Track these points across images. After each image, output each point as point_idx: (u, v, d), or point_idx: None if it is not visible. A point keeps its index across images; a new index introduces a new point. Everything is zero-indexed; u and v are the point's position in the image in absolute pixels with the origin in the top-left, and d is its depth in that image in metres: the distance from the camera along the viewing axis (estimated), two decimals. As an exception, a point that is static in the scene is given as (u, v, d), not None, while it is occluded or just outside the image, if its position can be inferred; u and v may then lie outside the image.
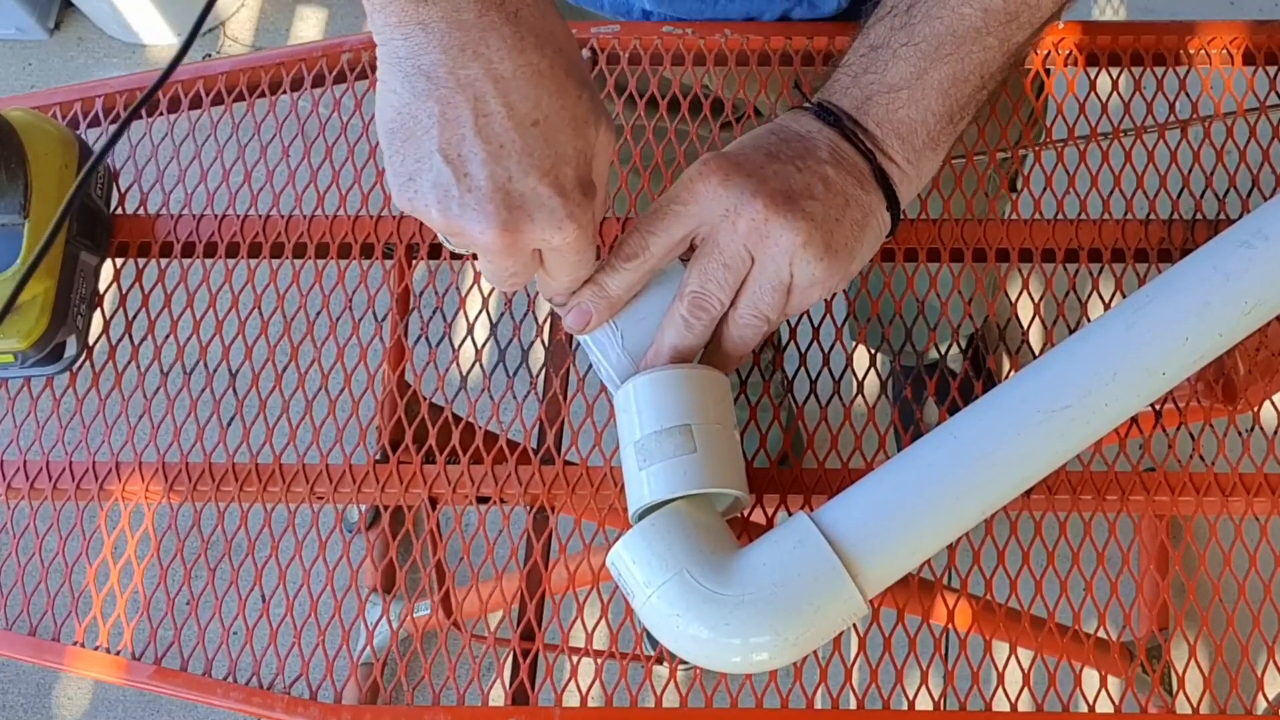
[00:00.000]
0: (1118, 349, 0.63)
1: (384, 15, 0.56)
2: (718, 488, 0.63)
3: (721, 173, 0.61)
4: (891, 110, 0.63)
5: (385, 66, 0.57)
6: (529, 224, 0.56)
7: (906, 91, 0.63)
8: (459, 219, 0.56)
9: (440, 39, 0.55)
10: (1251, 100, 0.80)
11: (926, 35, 0.63)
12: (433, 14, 0.55)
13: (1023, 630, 0.72)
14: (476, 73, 0.55)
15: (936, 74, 0.63)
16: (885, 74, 0.64)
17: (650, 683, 0.68)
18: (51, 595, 0.72)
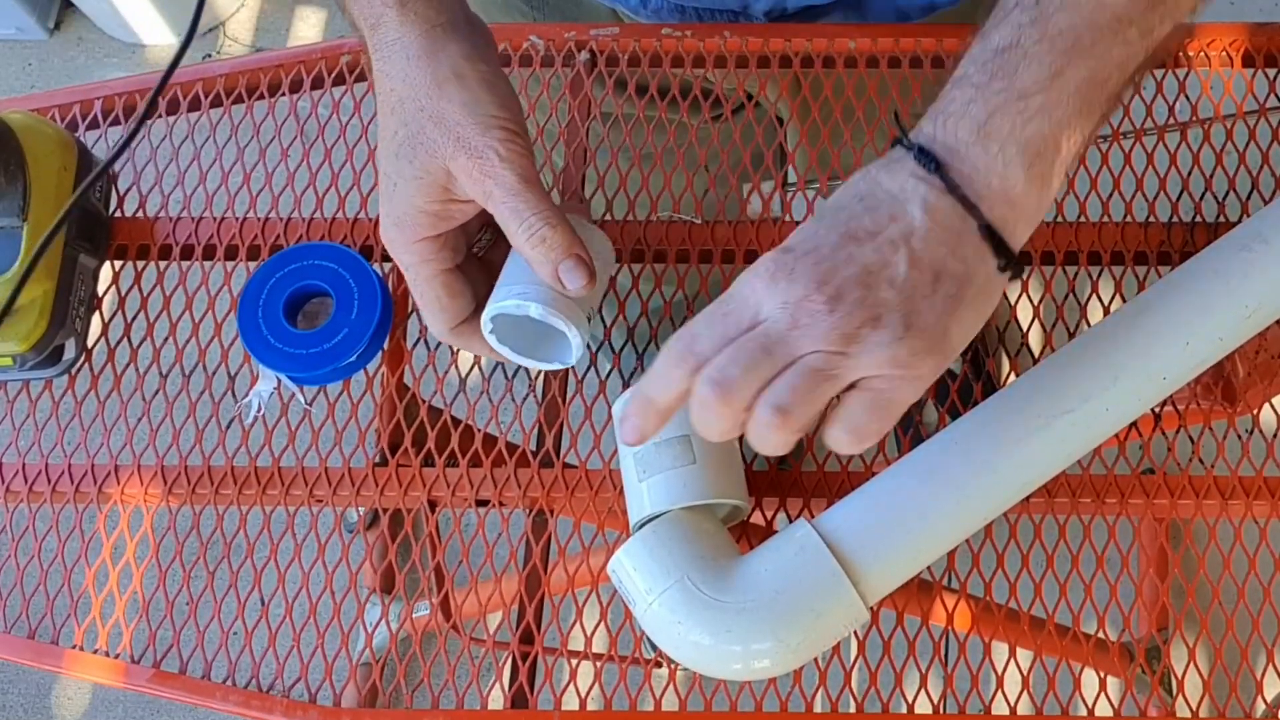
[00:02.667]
0: (1118, 353, 0.63)
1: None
2: (717, 498, 0.63)
3: (768, 273, 0.53)
4: (1020, 125, 0.53)
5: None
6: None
7: (1040, 97, 0.53)
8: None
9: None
10: (1251, 102, 0.79)
11: (1063, 27, 0.53)
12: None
13: (1022, 632, 0.72)
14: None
15: (1074, 73, 0.53)
16: (1015, 79, 0.53)
17: (649, 686, 0.68)
18: (50, 598, 0.72)
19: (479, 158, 0.60)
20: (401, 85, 0.61)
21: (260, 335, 0.72)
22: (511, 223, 0.60)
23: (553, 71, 0.83)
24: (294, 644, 0.70)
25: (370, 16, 0.61)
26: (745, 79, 0.82)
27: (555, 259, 0.60)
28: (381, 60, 0.62)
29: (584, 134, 0.80)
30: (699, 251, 0.76)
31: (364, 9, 0.62)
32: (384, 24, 0.61)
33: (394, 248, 0.63)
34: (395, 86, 0.61)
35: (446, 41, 0.61)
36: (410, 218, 0.62)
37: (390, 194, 0.62)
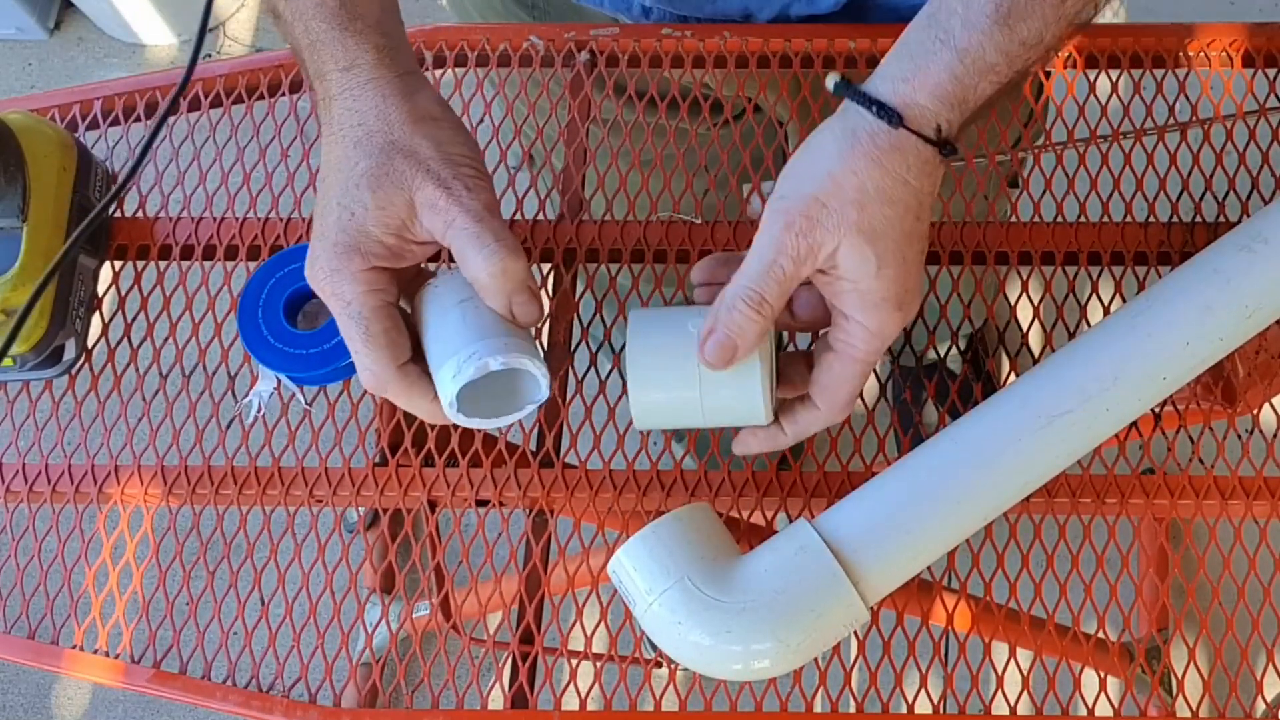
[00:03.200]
0: (1118, 354, 0.63)
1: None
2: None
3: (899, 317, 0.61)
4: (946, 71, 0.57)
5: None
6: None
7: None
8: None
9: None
10: (1251, 103, 0.79)
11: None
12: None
13: (1022, 632, 0.72)
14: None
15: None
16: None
17: (649, 686, 0.68)
18: (50, 598, 0.72)
19: (446, 188, 0.60)
20: (374, 120, 0.62)
21: (260, 335, 0.72)
22: (471, 249, 0.60)
23: (553, 72, 0.83)
24: (294, 644, 0.70)
25: (343, 60, 0.62)
26: (745, 79, 0.82)
27: (509, 290, 0.61)
28: (351, 99, 0.62)
29: (584, 134, 0.80)
30: (699, 251, 0.76)
31: (334, 52, 0.62)
32: (359, 66, 0.62)
33: (337, 278, 0.61)
34: (365, 121, 0.62)
35: (420, 87, 0.64)
36: (364, 246, 0.61)
37: (340, 223, 0.61)
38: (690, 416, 0.62)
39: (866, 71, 0.81)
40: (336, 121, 0.63)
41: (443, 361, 0.61)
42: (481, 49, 0.83)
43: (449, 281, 0.63)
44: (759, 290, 0.59)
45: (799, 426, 0.64)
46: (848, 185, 0.58)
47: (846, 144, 0.58)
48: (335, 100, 0.63)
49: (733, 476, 0.70)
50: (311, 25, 0.63)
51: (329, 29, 0.62)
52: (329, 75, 0.63)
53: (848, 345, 0.61)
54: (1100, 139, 0.79)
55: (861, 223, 0.58)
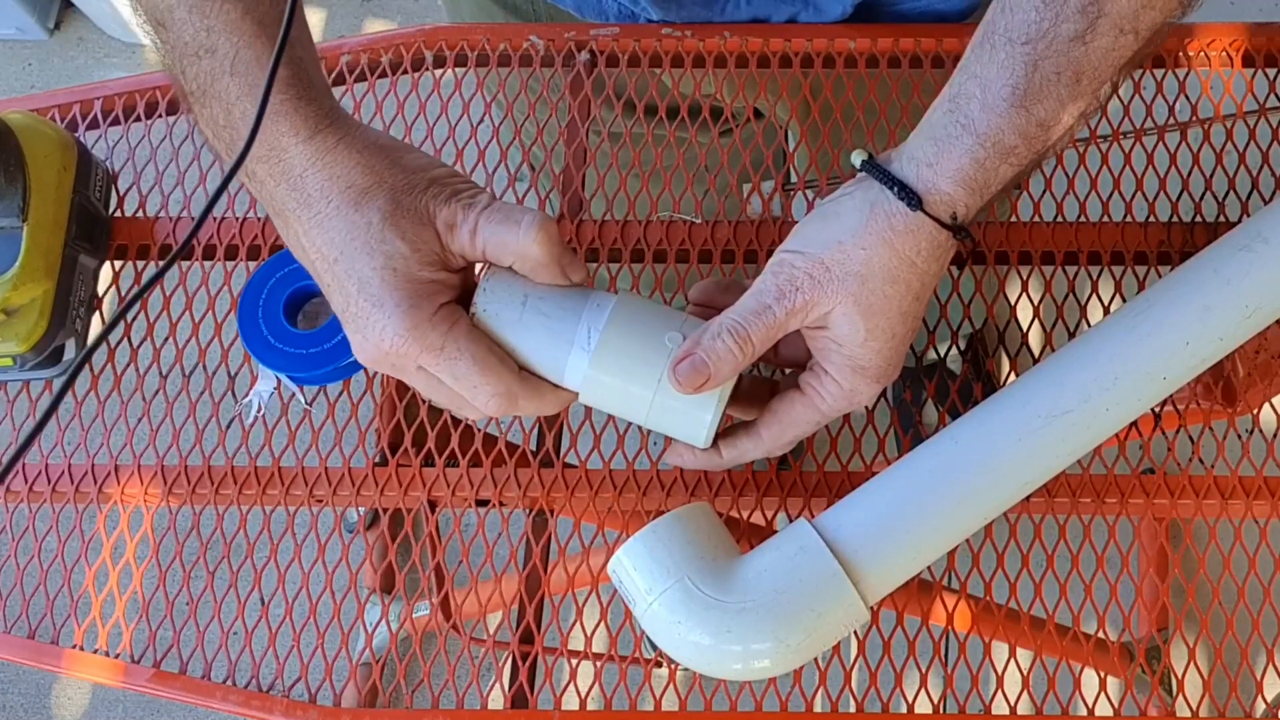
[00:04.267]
0: (1118, 354, 0.63)
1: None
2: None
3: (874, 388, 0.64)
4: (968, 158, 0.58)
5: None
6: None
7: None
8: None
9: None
10: (1251, 102, 0.79)
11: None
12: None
13: (1022, 631, 0.72)
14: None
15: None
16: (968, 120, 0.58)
17: (649, 686, 0.68)
18: (50, 598, 0.72)
19: (455, 200, 0.60)
20: (362, 176, 0.59)
21: (260, 335, 0.72)
22: (506, 231, 0.59)
23: (553, 72, 0.83)
24: (294, 644, 0.70)
25: (303, 129, 0.59)
26: (745, 80, 0.82)
27: (557, 254, 0.60)
28: (325, 165, 0.59)
29: (584, 135, 0.81)
30: (699, 251, 0.76)
31: (293, 122, 0.59)
32: (322, 131, 0.59)
33: (415, 336, 0.59)
34: (354, 181, 0.59)
35: (367, 128, 0.62)
36: (420, 290, 0.59)
37: (387, 284, 0.59)
38: (635, 412, 0.63)
39: (868, 72, 0.81)
40: (317, 197, 0.59)
41: (566, 352, 0.61)
42: (481, 49, 0.83)
43: (491, 298, 0.62)
44: (746, 327, 0.59)
45: (737, 451, 0.65)
46: (855, 259, 0.59)
47: (862, 219, 0.59)
48: (307, 175, 0.59)
49: (733, 476, 0.70)
50: (270, 100, 0.57)
51: (286, 99, 0.58)
52: (289, 150, 0.59)
53: (815, 393, 0.62)
54: (1100, 139, 0.79)
55: (860, 295, 0.59)
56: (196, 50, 0.58)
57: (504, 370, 0.61)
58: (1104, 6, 0.55)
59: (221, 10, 0.58)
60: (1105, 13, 0.55)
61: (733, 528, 0.66)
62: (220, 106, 0.59)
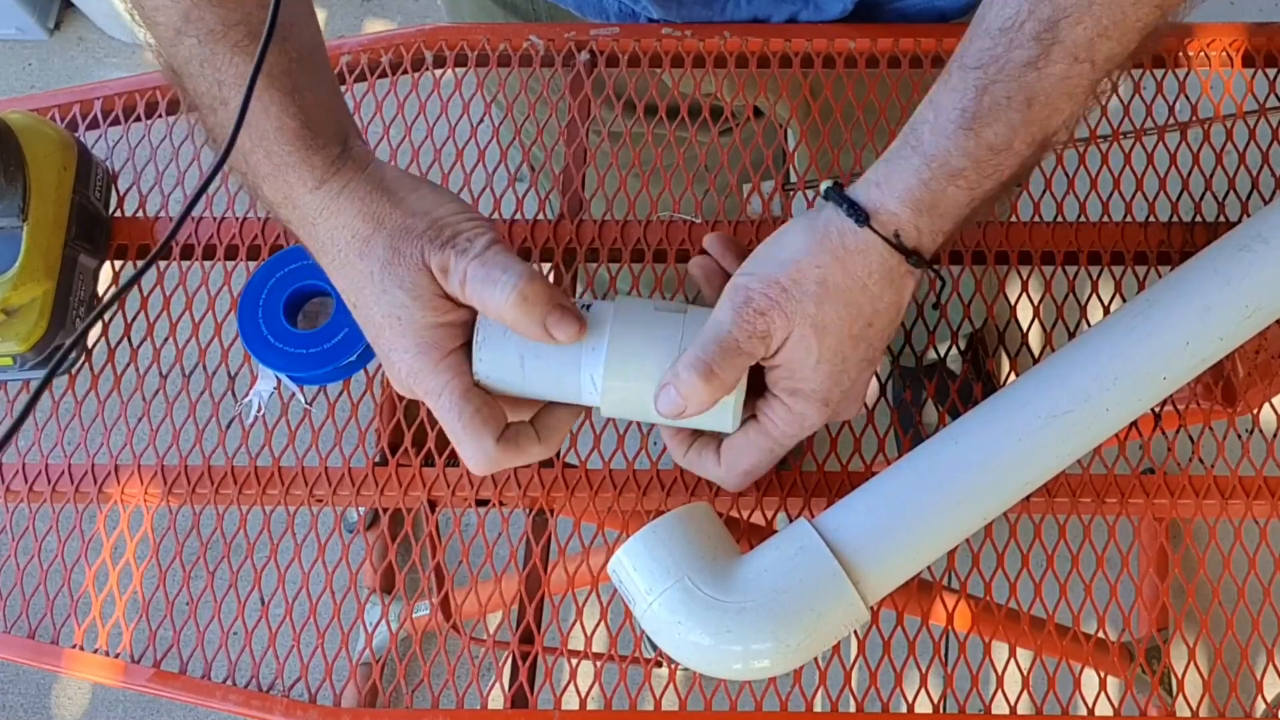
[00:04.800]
0: (1118, 354, 0.63)
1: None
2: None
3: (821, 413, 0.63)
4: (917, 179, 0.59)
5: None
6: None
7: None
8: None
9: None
10: (1251, 103, 0.79)
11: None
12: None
13: (1022, 631, 0.72)
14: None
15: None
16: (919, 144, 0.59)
17: (649, 686, 0.68)
18: (50, 598, 0.72)
19: (449, 247, 0.59)
20: (363, 224, 0.60)
21: (260, 335, 0.72)
22: (486, 291, 0.59)
23: (553, 72, 0.83)
24: (294, 644, 0.70)
25: (310, 180, 0.60)
26: (745, 79, 0.82)
27: (539, 314, 0.60)
28: (332, 215, 0.61)
29: (584, 135, 0.80)
30: (699, 252, 0.76)
31: (301, 174, 0.60)
32: (328, 181, 0.61)
33: (421, 379, 0.61)
34: (357, 231, 0.60)
35: (380, 165, 0.63)
36: (425, 338, 0.61)
37: (395, 331, 0.61)
38: (655, 417, 0.63)
39: (868, 72, 0.81)
40: (329, 245, 0.61)
41: (576, 395, 0.63)
42: (481, 49, 0.83)
43: (487, 363, 0.62)
44: (708, 361, 0.59)
45: (700, 466, 0.66)
46: (810, 276, 0.59)
47: (815, 237, 0.60)
48: (318, 223, 0.61)
49: (733, 476, 0.70)
50: (274, 150, 0.60)
51: (293, 151, 0.60)
52: (301, 200, 0.61)
53: (767, 419, 0.62)
54: (1100, 139, 0.79)
55: (816, 316, 0.59)
56: (211, 103, 0.60)
57: (485, 437, 0.61)
58: (1059, 34, 0.55)
59: (231, 64, 0.59)
60: (1060, 40, 0.55)
61: (733, 528, 0.66)
62: (236, 156, 0.61)
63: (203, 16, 0.58)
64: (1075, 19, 0.55)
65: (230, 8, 0.58)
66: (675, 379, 0.60)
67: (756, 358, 0.60)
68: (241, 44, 0.59)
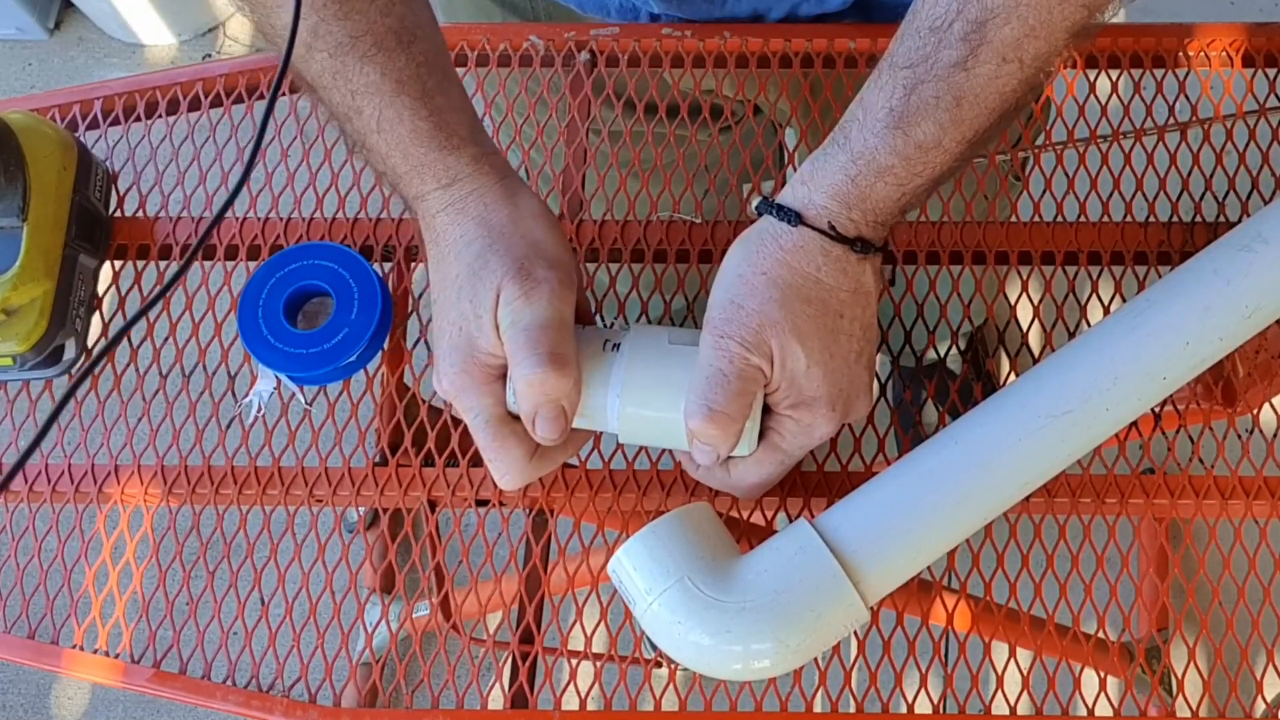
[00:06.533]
0: (1118, 354, 0.63)
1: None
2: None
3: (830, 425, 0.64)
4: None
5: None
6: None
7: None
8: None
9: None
10: (1251, 103, 0.79)
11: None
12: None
13: (1022, 631, 0.72)
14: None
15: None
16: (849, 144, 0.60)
17: (649, 686, 0.68)
18: (50, 598, 0.72)
19: (525, 283, 0.60)
20: (475, 227, 0.62)
21: (260, 335, 0.72)
22: (517, 352, 0.60)
23: (553, 72, 0.83)
24: (294, 644, 0.70)
25: (444, 176, 0.62)
26: (745, 79, 0.82)
27: (537, 401, 0.60)
28: (455, 211, 0.63)
29: (584, 135, 0.80)
30: (699, 251, 0.76)
31: (435, 171, 0.62)
32: (460, 180, 0.63)
33: (462, 395, 0.62)
34: (466, 231, 0.62)
35: (520, 189, 0.64)
36: (477, 357, 0.61)
37: (452, 340, 0.62)
38: (676, 438, 0.63)
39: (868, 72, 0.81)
40: (441, 237, 0.63)
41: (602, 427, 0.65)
42: (481, 49, 0.83)
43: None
44: (704, 402, 0.60)
45: (711, 479, 0.66)
46: (758, 284, 0.60)
47: (753, 248, 0.60)
48: (438, 216, 0.63)
49: (733, 476, 0.70)
50: (411, 152, 0.62)
51: (428, 152, 0.62)
52: (429, 195, 0.63)
53: (776, 435, 0.63)
54: (1100, 139, 0.79)
55: (784, 320, 0.59)
56: (346, 112, 0.62)
57: (517, 454, 0.62)
58: (987, 34, 0.56)
59: (362, 73, 0.61)
60: (988, 40, 0.56)
61: (733, 528, 0.66)
62: (376, 158, 0.63)
63: (330, 31, 0.60)
64: (1003, 19, 0.55)
65: (356, 20, 0.60)
66: (692, 433, 0.61)
67: (756, 382, 0.60)
68: (369, 54, 0.61)
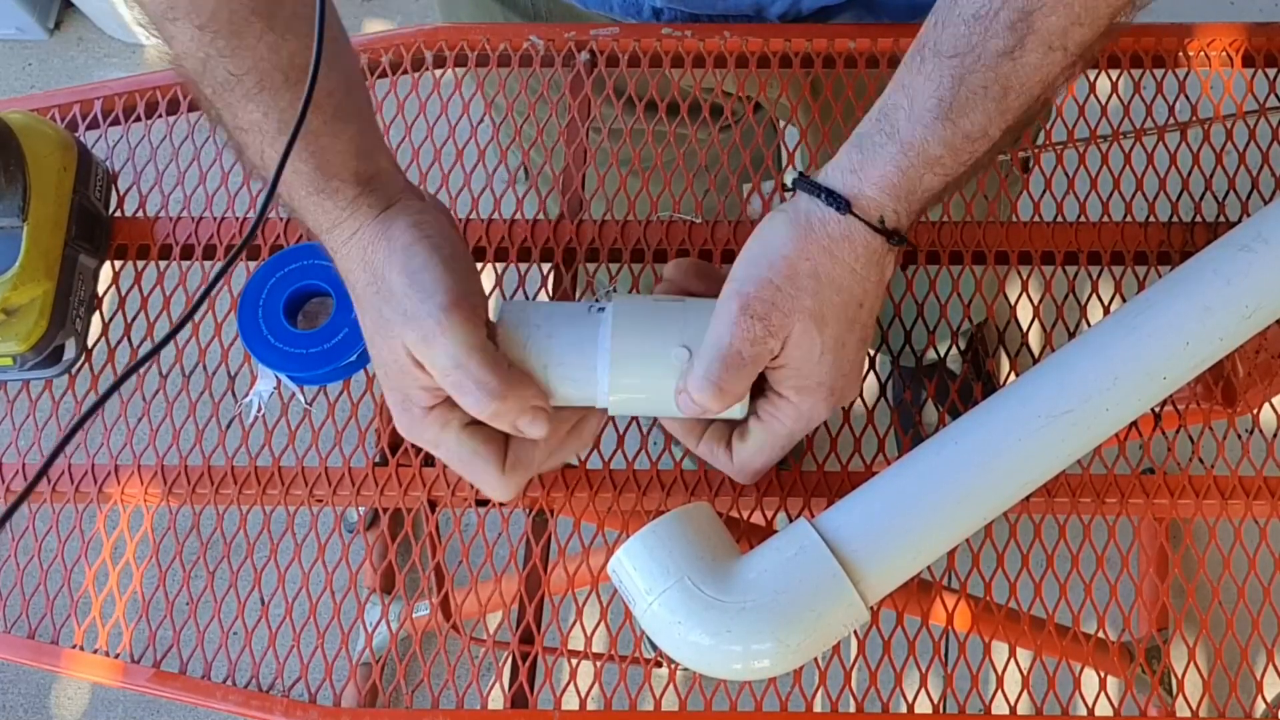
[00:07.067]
0: (1118, 354, 0.63)
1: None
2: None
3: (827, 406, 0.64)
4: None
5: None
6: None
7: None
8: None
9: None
10: (1251, 102, 0.79)
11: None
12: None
13: (1022, 632, 0.72)
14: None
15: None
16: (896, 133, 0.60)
17: (649, 686, 0.68)
18: (50, 598, 0.72)
19: (419, 328, 0.59)
20: (362, 272, 0.62)
21: (260, 335, 0.72)
22: (460, 396, 0.60)
23: (553, 72, 0.83)
24: (294, 644, 0.70)
25: (324, 222, 0.62)
26: (745, 79, 0.82)
27: (510, 420, 0.60)
28: (342, 259, 0.63)
29: (584, 135, 0.80)
30: (699, 251, 0.76)
31: (316, 217, 0.62)
32: (339, 225, 0.62)
33: (413, 430, 0.62)
34: (358, 277, 0.62)
35: (396, 217, 0.62)
36: (411, 395, 0.62)
37: (387, 382, 0.62)
38: (666, 405, 0.63)
39: (868, 72, 0.81)
40: (346, 279, 0.64)
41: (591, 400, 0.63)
42: (481, 49, 0.83)
43: (511, 323, 0.63)
44: (716, 381, 0.60)
45: (713, 458, 0.66)
46: (801, 270, 0.59)
47: (799, 230, 0.60)
48: (335, 259, 0.64)
49: (733, 476, 0.70)
50: (295, 193, 0.62)
51: (309, 195, 0.62)
52: (322, 237, 0.64)
53: (773, 418, 0.62)
54: (1100, 139, 0.79)
55: (814, 309, 0.59)
56: (234, 145, 0.63)
57: (491, 470, 0.62)
58: (1034, 23, 0.55)
59: (246, 110, 0.61)
60: (1035, 29, 0.55)
61: (733, 528, 0.66)
62: (282, 186, 0.62)
63: (214, 67, 0.59)
64: (1049, 8, 0.55)
65: (242, 57, 0.59)
66: (687, 398, 0.61)
67: (764, 363, 0.60)
68: (252, 92, 0.60)
